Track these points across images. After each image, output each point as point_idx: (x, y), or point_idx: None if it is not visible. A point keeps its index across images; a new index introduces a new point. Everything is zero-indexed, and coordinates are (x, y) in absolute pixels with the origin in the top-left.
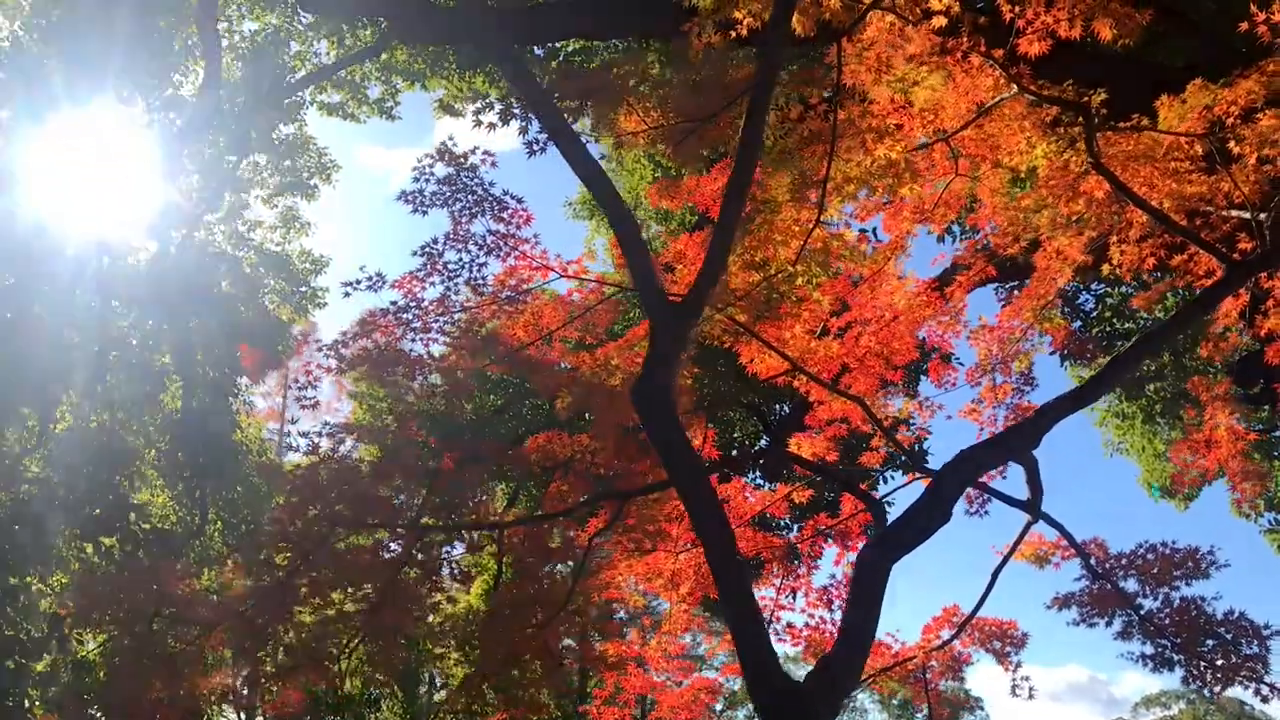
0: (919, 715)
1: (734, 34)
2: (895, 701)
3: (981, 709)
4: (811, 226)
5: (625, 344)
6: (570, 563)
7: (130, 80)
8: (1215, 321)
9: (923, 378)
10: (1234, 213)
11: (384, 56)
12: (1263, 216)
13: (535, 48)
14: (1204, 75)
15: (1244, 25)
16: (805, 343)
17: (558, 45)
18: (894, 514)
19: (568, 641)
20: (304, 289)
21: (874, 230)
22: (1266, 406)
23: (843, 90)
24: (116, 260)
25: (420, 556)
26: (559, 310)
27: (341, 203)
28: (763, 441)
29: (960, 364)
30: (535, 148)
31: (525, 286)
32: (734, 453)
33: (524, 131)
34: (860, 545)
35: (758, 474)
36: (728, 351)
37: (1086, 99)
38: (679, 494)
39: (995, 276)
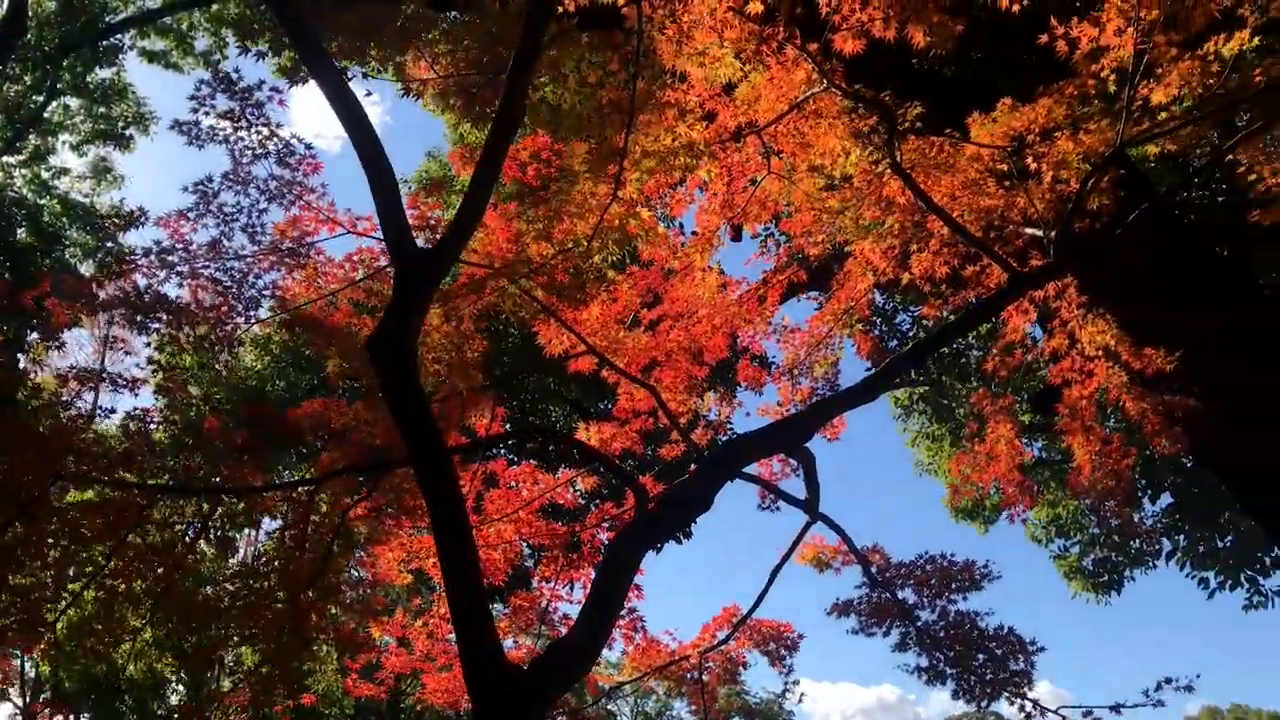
0: None
1: None
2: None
3: None
4: (608, 201)
5: None
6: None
7: None
8: (1003, 337)
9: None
10: (1029, 230)
11: (214, 8)
12: (1054, 234)
13: None
14: (1015, 96)
15: (1043, 38)
16: (615, 333)
17: None
18: None
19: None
20: (111, 245)
21: (682, 226)
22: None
23: (646, 59)
24: None
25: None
26: (347, 269)
27: (171, 159)
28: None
29: (777, 366)
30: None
31: (309, 240)
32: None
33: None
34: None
35: (564, 464)
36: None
37: (887, 98)
38: (410, 456)
39: (806, 282)
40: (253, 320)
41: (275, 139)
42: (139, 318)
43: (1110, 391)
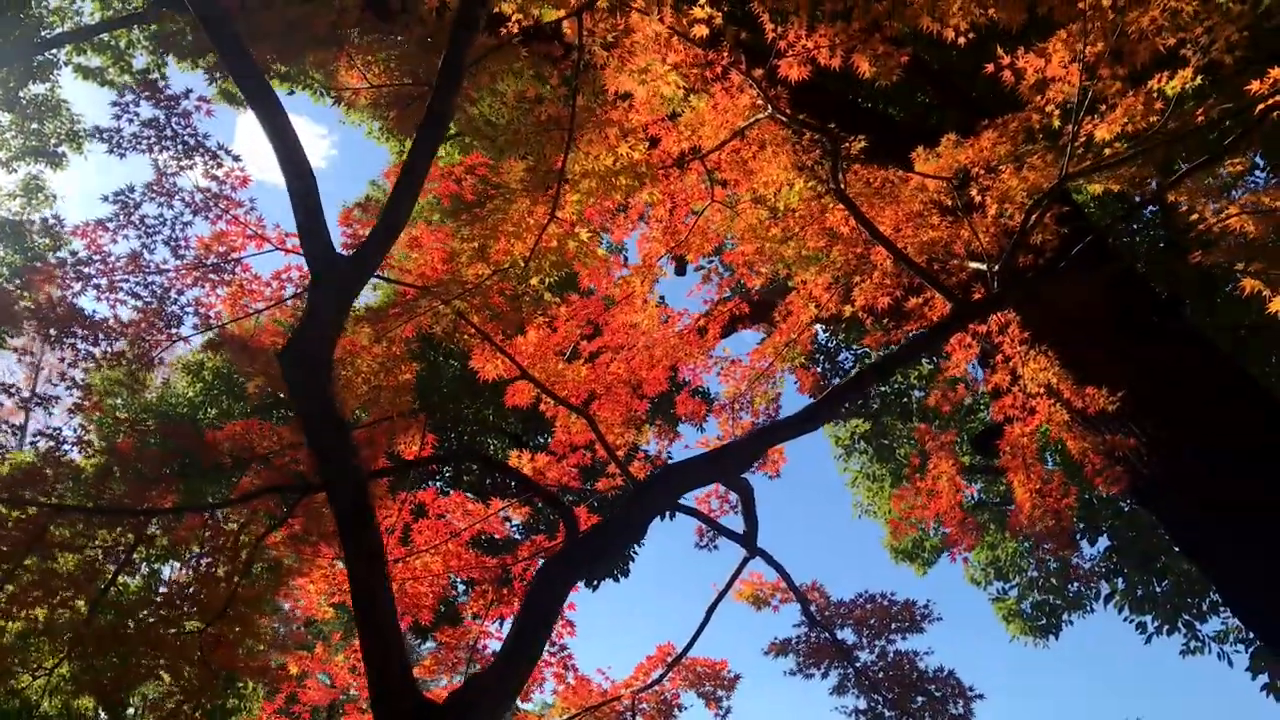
0: None
1: None
2: None
3: None
4: (546, 222)
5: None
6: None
7: None
8: (945, 372)
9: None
10: (972, 264)
11: (155, 26)
12: (997, 268)
13: None
14: (959, 130)
15: (989, 67)
16: (554, 365)
17: None
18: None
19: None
20: (39, 264)
21: (626, 257)
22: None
23: (586, 74)
24: None
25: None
26: (275, 287)
27: (106, 178)
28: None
29: (719, 399)
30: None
31: (235, 256)
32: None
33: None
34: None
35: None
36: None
37: (833, 126)
38: (322, 477)
39: (749, 314)
40: (175, 338)
41: (201, 150)
42: (51, 332)
43: (1052, 430)
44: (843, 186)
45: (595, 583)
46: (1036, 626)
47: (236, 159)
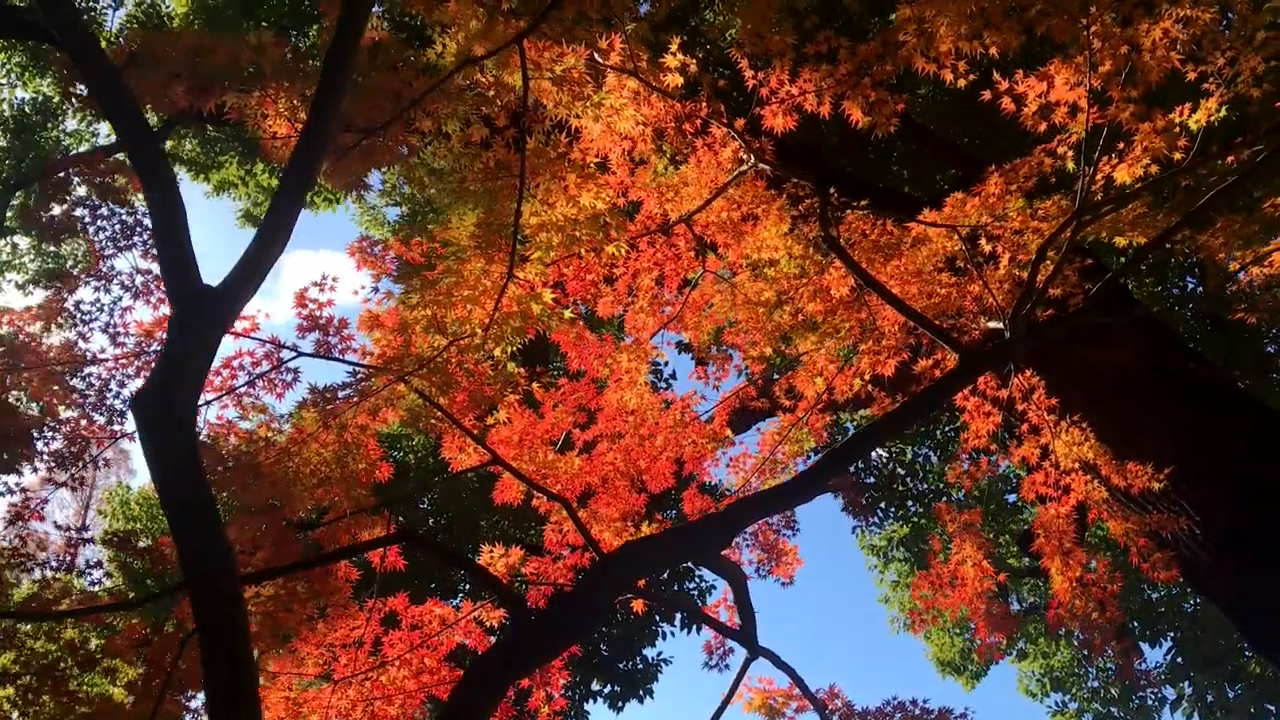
0: None
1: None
2: None
3: None
4: (504, 282)
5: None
6: None
7: None
8: (964, 444)
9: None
10: (989, 323)
11: (170, 144)
12: (1008, 317)
13: None
14: (965, 188)
15: (986, 95)
16: (544, 455)
17: None
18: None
19: None
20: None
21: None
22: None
23: (536, 114)
24: None
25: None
26: (225, 375)
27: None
28: None
29: (730, 492)
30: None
31: None
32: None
33: None
34: (560, 681)
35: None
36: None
37: (831, 191)
38: (182, 573)
39: (755, 397)
40: (118, 434)
41: (140, 228)
42: None
43: (1090, 510)
44: (834, 234)
45: (620, 705)
46: None
47: None
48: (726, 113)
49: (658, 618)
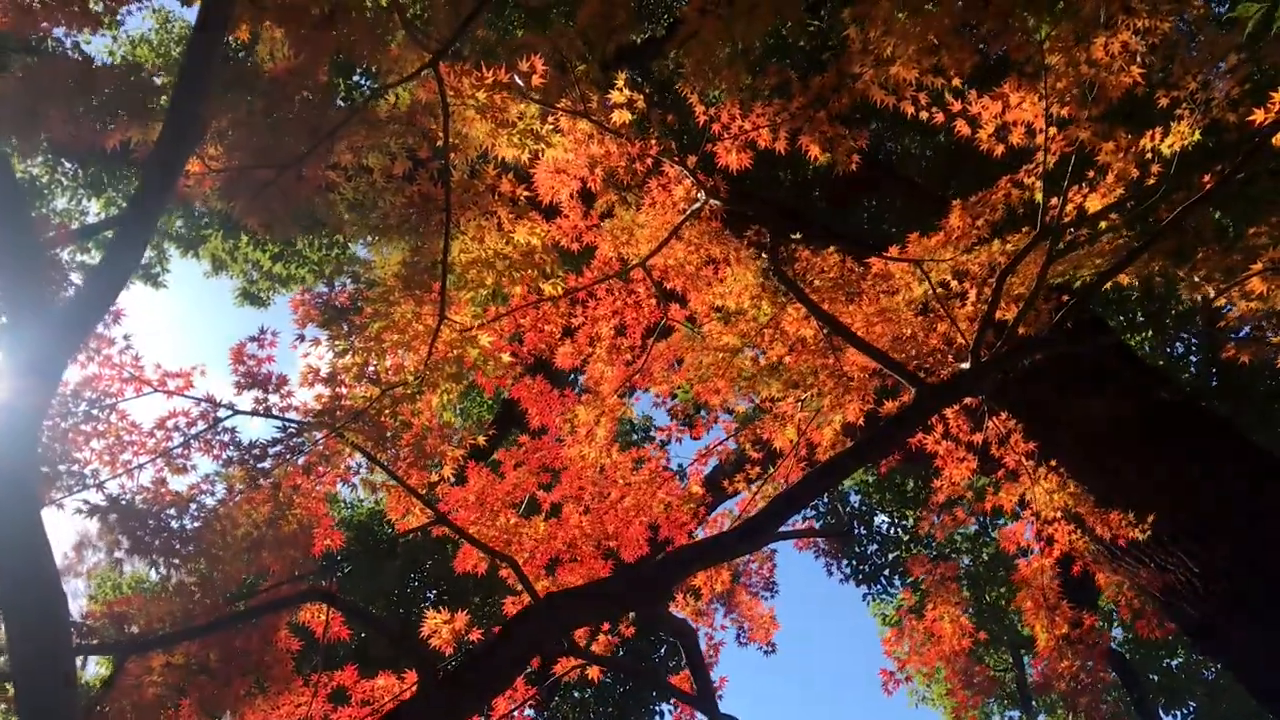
0: None
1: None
2: None
3: None
4: (436, 325)
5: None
6: None
7: None
8: (938, 492)
9: None
10: (961, 365)
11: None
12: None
13: None
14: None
15: (940, 117)
16: (507, 520)
17: None
18: None
19: None
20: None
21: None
22: None
23: (460, 142)
24: None
25: None
26: (161, 435)
27: None
28: None
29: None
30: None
31: (109, 401)
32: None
33: None
34: None
35: None
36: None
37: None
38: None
39: (731, 454)
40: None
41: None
42: None
43: (1076, 562)
44: (785, 270)
45: None
46: None
47: None
48: (678, 150)
49: (653, 693)
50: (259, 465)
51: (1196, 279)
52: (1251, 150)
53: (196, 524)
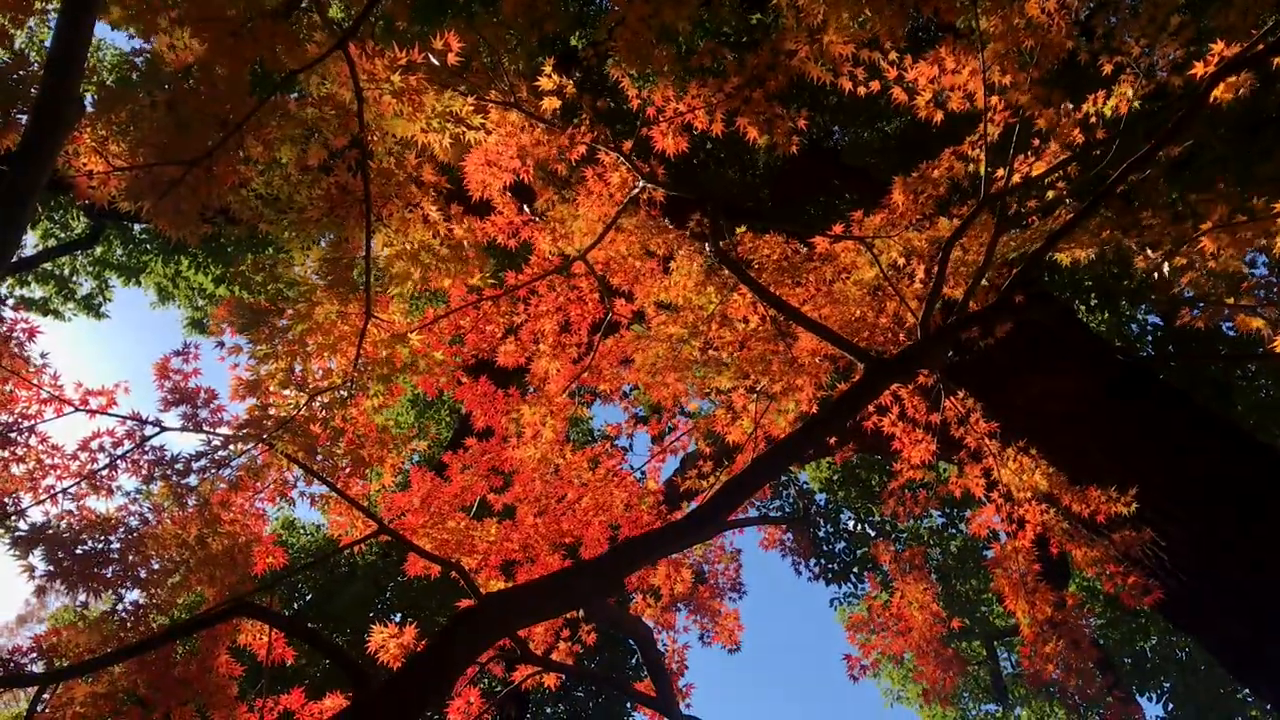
0: None
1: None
2: None
3: None
4: (363, 325)
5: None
6: None
7: None
8: (898, 476)
9: None
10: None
11: (99, 250)
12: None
13: None
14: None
15: (875, 85)
16: (459, 524)
17: None
18: None
19: None
20: None
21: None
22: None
23: (377, 130)
24: None
25: None
26: (86, 456)
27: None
28: None
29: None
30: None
31: (28, 423)
32: None
33: None
34: None
35: None
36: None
37: (711, 201)
38: None
39: (691, 450)
40: None
41: None
42: None
43: (1052, 541)
44: (725, 251)
45: None
46: None
47: (16, 309)
48: (613, 137)
49: (628, 705)
50: (183, 481)
51: (1149, 250)
52: (1194, 104)
53: (118, 546)
